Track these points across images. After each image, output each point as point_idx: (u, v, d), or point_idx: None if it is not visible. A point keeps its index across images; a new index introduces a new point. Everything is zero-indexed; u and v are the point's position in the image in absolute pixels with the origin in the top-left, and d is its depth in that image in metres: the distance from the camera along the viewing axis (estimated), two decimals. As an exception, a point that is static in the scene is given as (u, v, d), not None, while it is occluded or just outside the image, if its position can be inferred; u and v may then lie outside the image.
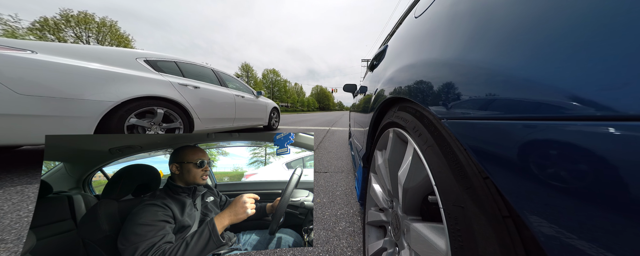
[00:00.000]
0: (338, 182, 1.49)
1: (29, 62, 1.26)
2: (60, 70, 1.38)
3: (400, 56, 0.61)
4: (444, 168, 0.29)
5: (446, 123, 0.28)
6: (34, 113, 1.26)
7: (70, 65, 1.43)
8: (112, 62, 1.71)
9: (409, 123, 0.42)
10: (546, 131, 0.16)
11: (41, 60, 1.32)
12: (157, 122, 1.96)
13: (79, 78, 1.45)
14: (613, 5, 0.14)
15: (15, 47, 1.28)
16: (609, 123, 0.12)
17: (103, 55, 1.69)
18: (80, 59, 1.52)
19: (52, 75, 1.34)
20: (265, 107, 4.32)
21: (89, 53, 1.61)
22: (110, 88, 1.59)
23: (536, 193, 0.16)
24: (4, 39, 1.32)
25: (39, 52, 1.34)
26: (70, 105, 1.38)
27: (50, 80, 1.32)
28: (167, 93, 2.01)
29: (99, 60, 1.63)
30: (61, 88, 1.35)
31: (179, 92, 2.14)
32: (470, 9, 0.31)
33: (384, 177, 0.58)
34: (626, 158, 0.11)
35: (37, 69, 1.29)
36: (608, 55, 0.13)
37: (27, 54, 1.28)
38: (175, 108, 2.10)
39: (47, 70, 1.32)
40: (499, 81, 0.21)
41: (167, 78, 2.10)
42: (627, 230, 0.12)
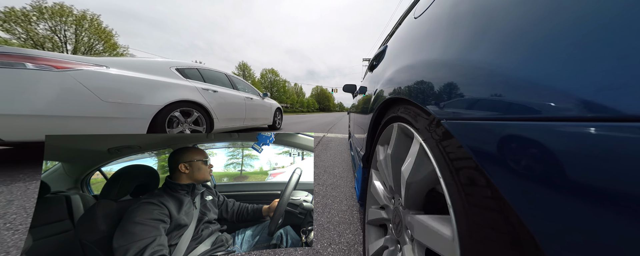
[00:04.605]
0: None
1: (106, 76, 1.60)
2: (125, 81, 1.72)
3: (399, 57, 0.61)
4: (443, 168, 0.29)
5: (446, 123, 0.28)
6: (112, 115, 1.60)
7: (131, 76, 1.77)
8: (155, 71, 2.03)
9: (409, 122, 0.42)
10: (545, 131, 0.16)
11: (112, 73, 1.65)
12: (187, 121, 2.28)
13: (137, 86, 1.79)
14: (612, 6, 0.14)
15: (97, 63, 1.61)
16: (609, 124, 0.12)
17: (148, 66, 2.01)
18: (132, 70, 1.83)
19: (120, 85, 1.68)
20: (270, 108, 4.60)
21: (137, 64, 1.92)
22: (157, 94, 1.93)
23: (535, 194, 0.16)
24: (88, 57, 1.64)
25: (111, 67, 1.68)
26: (133, 108, 1.73)
27: (120, 89, 1.67)
28: (194, 97, 2.33)
29: (146, 71, 1.95)
30: (126, 95, 1.70)
31: (202, 96, 2.47)
32: (469, 10, 0.31)
33: (386, 172, 0.57)
34: (625, 159, 0.11)
35: (111, 81, 1.63)
36: (607, 55, 0.13)
37: (103, 69, 1.61)
38: (200, 109, 2.43)
39: (117, 81, 1.67)
40: (499, 82, 0.21)
41: (192, 83, 2.42)
42: (625, 230, 0.12)
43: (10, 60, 1.26)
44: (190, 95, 2.29)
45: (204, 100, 2.47)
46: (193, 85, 2.40)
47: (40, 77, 1.31)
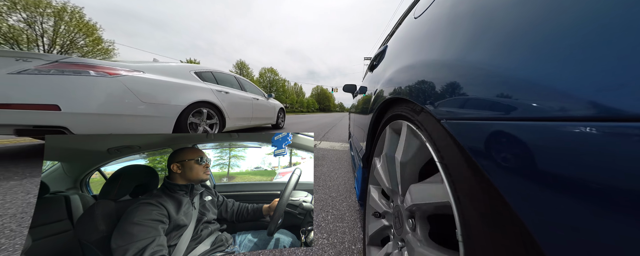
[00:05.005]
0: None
1: (144, 80, 1.88)
2: (157, 84, 1.98)
3: (399, 57, 0.61)
4: (444, 169, 0.29)
5: (445, 123, 0.28)
6: (148, 114, 1.87)
7: (161, 80, 2.04)
8: (178, 75, 2.29)
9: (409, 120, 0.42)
10: (545, 131, 0.16)
11: (147, 77, 1.92)
12: (204, 120, 2.53)
13: (166, 89, 2.05)
14: (612, 6, 0.14)
15: (136, 69, 1.88)
16: (609, 124, 0.12)
17: (172, 70, 2.27)
18: (160, 74, 2.08)
19: (154, 88, 1.95)
20: (274, 108, 4.80)
21: (163, 69, 2.18)
22: (181, 96, 2.18)
23: (535, 194, 0.16)
24: (129, 63, 1.93)
25: (146, 72, 1.94)
26: (163, 108, 1.98)
27: (153, 92, 1.93)
28: (210, 98, 2.58)
29: (171, 75, 2.20)
30: (159, 97, 1.96)
31: (216, 97, 2.71)
32: (469, 10, 0.31)
33: (383, 174, 0.57)
34: (625, 159, 0.11)
35: (147, 84, 1.89)
36: (607, 55, 0.13)
37: (141, 74, 1.88)
38: (214, 109, 2.67)
39: (151, 84, 1.93)
40: (498, 82, 0.21)
41: (208, 86, 2.67)
42: (625, 230, 0.11)
43: (79, 69, 1.55)
44: (207, 96, 2.53)
45: (217, 100, 2.70)
46: (208, 87, 2.64)
47: (99, 82, 1.60)
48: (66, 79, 1.50)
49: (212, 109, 2.62)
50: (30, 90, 1.41)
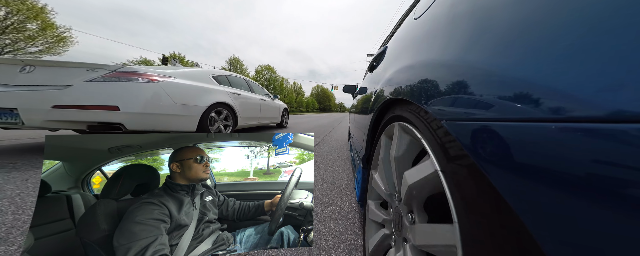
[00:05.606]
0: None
1: (175, 84, 2.25)
2: (184, 87, 2.35)
3: (399, 57, 0.61)
4: (444, 169, 0.29)
5: (445, 124, 0.28)
6: (179, 113, 2.23)
7: (188, 84, 2.42)
8: (199, 79, 2.66)
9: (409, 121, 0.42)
10: (544, 132, 0.16)
11: (177, 82, 2.29)
12: (220, 119, 2.89)
13: (191, 91, 2.42)
14: (611, 6, 0.14)
15: (168, 75, 2.23)
16: (609, 125, 0.12)
17: (196, 74, 2.68)
18: (184, 78, 2.43)
19: (182, 90, 2.31)
20: (279, 108, 5.16)
21: (189, 74, 2.56)
22: (203, 97, 2.56)
23: (535, 194, 0.16)
24: (162, 70, 2.27)
25: (176, 78, 2.31)
26: (190, 108, 2.35)
27: (182, 94, 2.29)
28: (226, 99, 2.94)
29: (193, 79, 2.57)
30: (187, 98, 2.33)
31: (230, 98, 3.07)
32: (469, 11, 0.31)
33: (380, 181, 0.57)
34: (624, 159, 0.12)
35: (177, 88, 2.26)
36: (606, 56, 0.13)
37: (172, 79, 2.24)
38: (229, 109, 3.03)
39: (180, 88, 2.30)
40: (498, 82, 0.21)
41: (224, 88, 3.04)
42: (626, 230, 0.12)
43: (131, 76, 1.93)
44: (223, 98, 2.89)
45: (231, 101, 3.06)
46: (224, 90, 3.01)
47: (144, 87, 1.97)
48: (122, 85, 1.88)
49: (227, 109, 2.98)
50: (98, 95, 1.79)
